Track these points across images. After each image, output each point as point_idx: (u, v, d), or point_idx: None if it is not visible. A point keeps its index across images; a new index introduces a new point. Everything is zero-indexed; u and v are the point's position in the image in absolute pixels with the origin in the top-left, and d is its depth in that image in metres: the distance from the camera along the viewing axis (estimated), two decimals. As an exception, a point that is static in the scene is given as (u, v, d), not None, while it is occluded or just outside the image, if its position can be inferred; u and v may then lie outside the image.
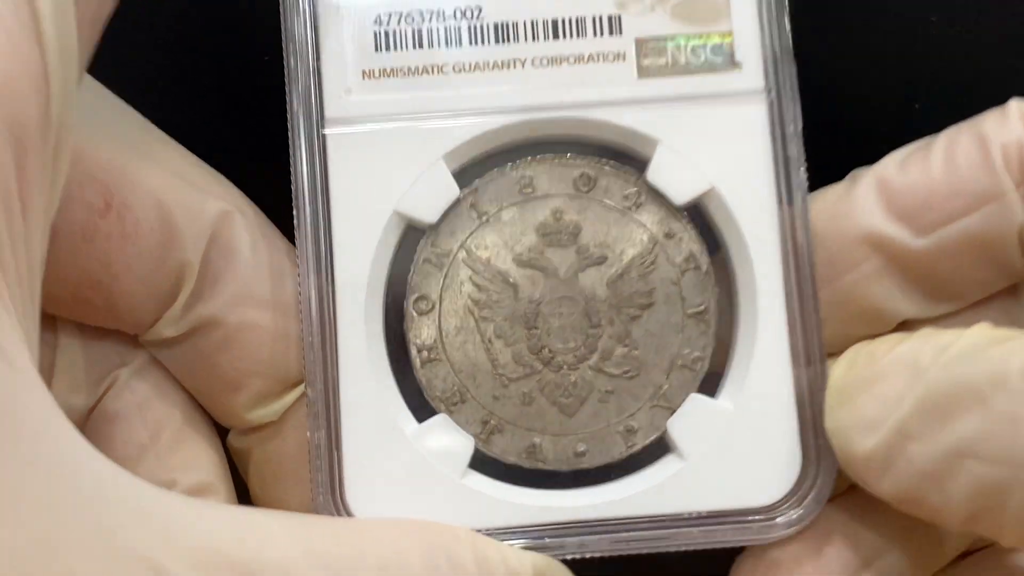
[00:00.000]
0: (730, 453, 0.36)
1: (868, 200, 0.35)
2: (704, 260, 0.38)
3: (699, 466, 0.36)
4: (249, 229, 0.36)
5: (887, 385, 0.32)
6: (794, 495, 0.36)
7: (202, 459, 0.37)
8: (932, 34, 0.42)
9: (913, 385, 0.31)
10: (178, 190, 0.34)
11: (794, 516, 0.35)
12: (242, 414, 0.37)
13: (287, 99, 0.36)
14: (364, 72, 0.37)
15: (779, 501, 0.36)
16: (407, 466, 0.36)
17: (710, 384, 0.37)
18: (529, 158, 0.38)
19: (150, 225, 0.34)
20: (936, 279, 0.35)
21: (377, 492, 0.35)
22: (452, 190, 0.37)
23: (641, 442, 0.37)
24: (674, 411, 0.37)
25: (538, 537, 0.35)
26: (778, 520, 0.35)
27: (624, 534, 0.35)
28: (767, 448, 0.36)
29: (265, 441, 0.38)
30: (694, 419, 0.37)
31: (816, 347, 0.36)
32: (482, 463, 0.37)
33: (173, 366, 0.37)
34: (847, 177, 0.38)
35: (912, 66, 0.42)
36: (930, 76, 0.42)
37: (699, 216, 0.38)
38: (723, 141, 0.37)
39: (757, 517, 0.36)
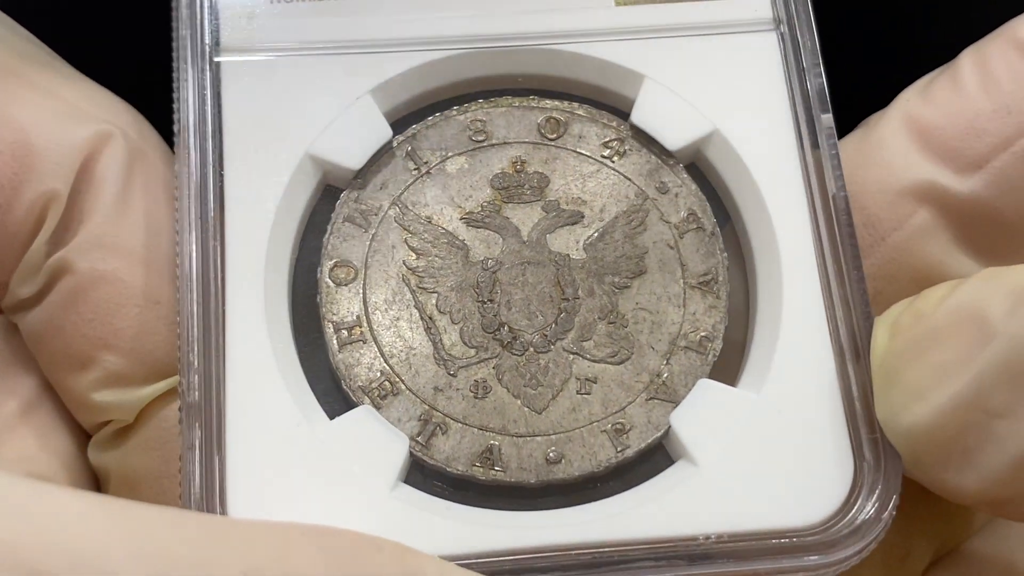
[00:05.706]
0: (758, 455, 0.26)
1: (898, 143, 0.29)
2: (709, 220, 0.29)
3: (717, 474, 0.26)
4: (129, 156, 0.28)
5: (947, 347, 0.25)
6: (847, 510, 0.26)
7: (37, 460, 0.27)
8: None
9: (984, 343, 0.24)
10: (45, 110, 0.28)
11: (849, 536, 0.26)
12: (88, 397, 0.27)
13: (172, 20, 0.29)
14: (274, -5, 0.30)
15: (829, 519, 0.26)
16: (314, 474, 0.26)
17: (726, 373, 0.28)
18: (481, 100, 0.30)
19: None
20: (1000, 223, 0.28)
21: (272, 508, 0.26)
22: (382, 130, 0.29)
23: (636, 444, 0.27)
24: (678, 404, 0.27)
25: (495, 571, 0.25)
26: (818, 541, 0.26)
27: (614, 567, 0.25)
28: (806, 447, 0.26)
29: (125, 456, 0.28)
30: (706, 412, 0.27)
31: (861, 319, 0.27)
32: (420, 474, 0.27)
33: (28, 339, 0.28)
34: (859, 127, 0.30)
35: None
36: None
37: (698, 173, 0.30)
38: (724, 76, 0.30)
39: (796, 541, 0.26)
